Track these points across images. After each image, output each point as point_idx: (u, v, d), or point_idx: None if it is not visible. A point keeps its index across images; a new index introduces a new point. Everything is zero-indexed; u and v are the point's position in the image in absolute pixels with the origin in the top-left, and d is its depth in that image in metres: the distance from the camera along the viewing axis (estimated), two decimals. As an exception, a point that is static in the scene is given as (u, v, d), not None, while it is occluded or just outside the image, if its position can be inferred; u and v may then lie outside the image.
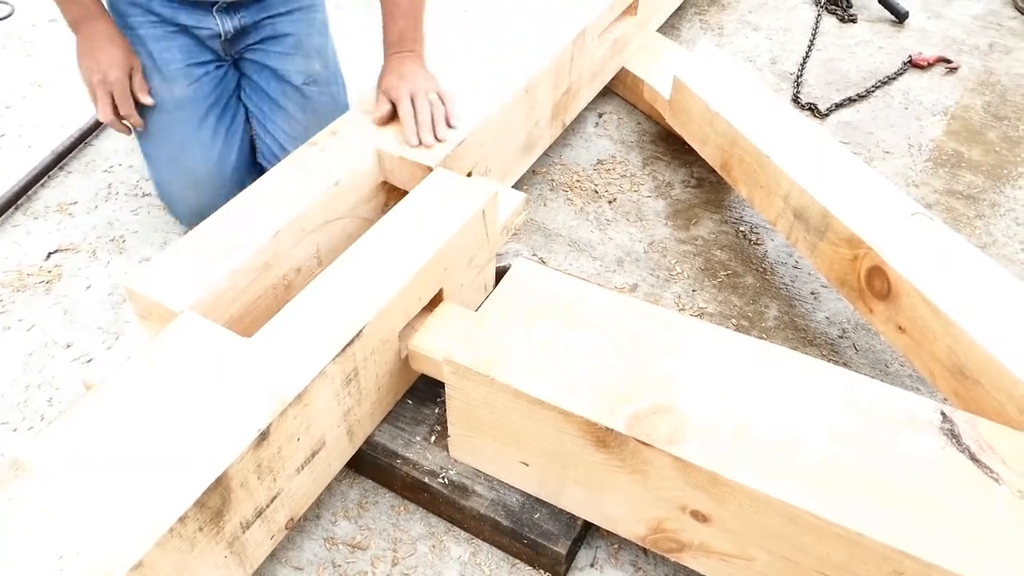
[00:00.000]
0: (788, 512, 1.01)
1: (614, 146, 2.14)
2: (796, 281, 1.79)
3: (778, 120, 1.70)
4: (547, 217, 1.93)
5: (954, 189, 2.04)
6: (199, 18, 1.67)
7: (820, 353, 1.64)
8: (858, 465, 1.04)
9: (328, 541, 1.30)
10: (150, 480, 0.96)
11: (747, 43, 2.56)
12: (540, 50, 1.76)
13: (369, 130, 1.55)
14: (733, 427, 1.08)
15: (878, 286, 1.42)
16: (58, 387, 1.54)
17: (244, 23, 1.72)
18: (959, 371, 1.29)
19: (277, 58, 1.77)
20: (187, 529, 0.95)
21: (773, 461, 1.04)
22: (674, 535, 1.16)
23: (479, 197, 1.39)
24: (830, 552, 1.02)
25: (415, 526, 1.33)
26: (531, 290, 1.26)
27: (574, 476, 1.19)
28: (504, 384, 1.13)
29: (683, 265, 1.82)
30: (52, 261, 1.80)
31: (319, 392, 1.12)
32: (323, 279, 1.24)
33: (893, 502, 1.00)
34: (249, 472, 1.03)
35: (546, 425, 1.14)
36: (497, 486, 1.28)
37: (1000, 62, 2.51)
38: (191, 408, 1.05)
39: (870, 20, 2.69)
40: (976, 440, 1.08)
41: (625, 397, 1.11)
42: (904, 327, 1.38)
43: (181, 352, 1.12)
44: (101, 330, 1.64)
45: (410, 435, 1.34)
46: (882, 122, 2.25)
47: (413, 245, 1.29)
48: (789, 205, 1.59)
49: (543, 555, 1.24)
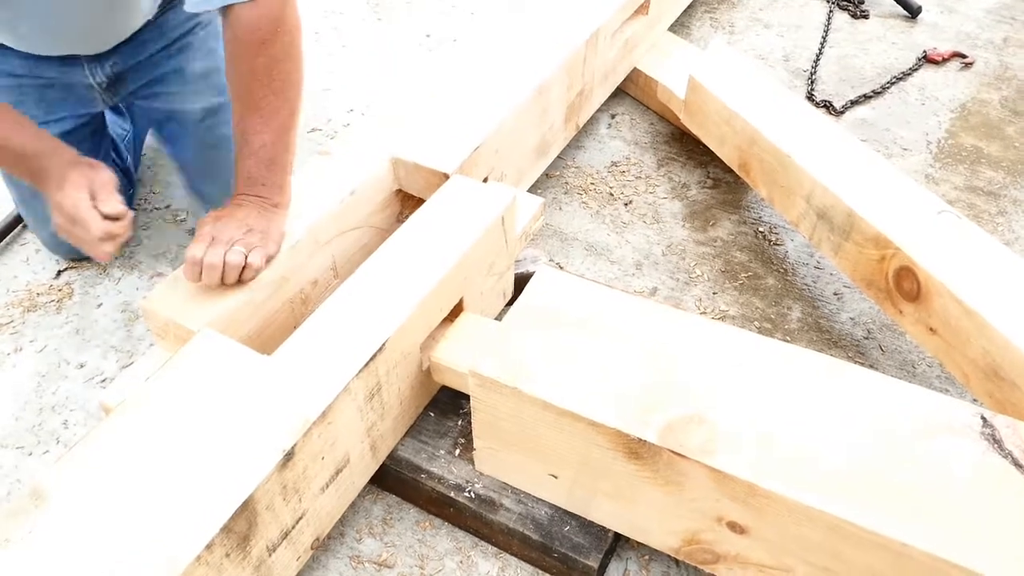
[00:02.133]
0: (829, 522, 0.98)
1: (628, 147, 2.11)
2: (818, 281, 1.76)
3: (797, 118, 1.67)
4: (563, 221, 1.90)
5: (974, 185, 2.01)
6: (65, 71, 1.50)
7: (846, 355, 1.61)
8: (897, 473, 1.01)
9: (354, 559, 1.28)
10: (174, 507, 0.94)
11: (759, 41, 2.53)
12: (553, 52, 1.74)
13: (382, 137, 1.52)
14: (767, 435, 1.05)
15: (907, 287, 1.38)
16: (72, 408, 1.51)
17: (118, 70, 1.56)
18: (994, 373, 1.26)
19: (167, 99, 1.62)
20: (214, 556, 0.92)
21: (810, 470, 1.01)
22: (709, 547, 1.13)
23: (498, 203, 1.36)
24: (872, 563, 0.99)
25: (441, 541, 1.30)
26: (554, 298, 1.23)
27: (604, 488, 1.16)
28: (531, 396, 1.10)
29: (702, 267, 1.79)
30: (62, 279, 1.78)
31: (343, 409, 1.09)
32: (342, 293, 1.21)
33: (935, 510, 0.97)
34: (275, 494, 1.00)
35: (575, 437, 1.11)
36: (525, 499, 1.26)
37: (1016, 56, 2.47)
38: (213, 430, 1.02)
39: (882, 16, 2.66)
40: (1019, 445, 1.05)
41: (655, 406, 1.08)
42: (936, 328, 1.35)
43: (200, 372, 1.09)
44: (115, 349, 1.62)
45: (434, 448, 1.31)
46: (899, 119, 2.22)
47: (433, 255, 1.27)
48: (812, 205, 1.56)
49: (574, 569, 1.21)
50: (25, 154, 1.24)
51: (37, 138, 1.25)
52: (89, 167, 1.22)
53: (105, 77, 1.56)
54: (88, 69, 1.53)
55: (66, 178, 1.19)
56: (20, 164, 1.25)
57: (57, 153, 1.24)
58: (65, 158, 1.24)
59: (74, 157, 1.24)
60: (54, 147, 1.25)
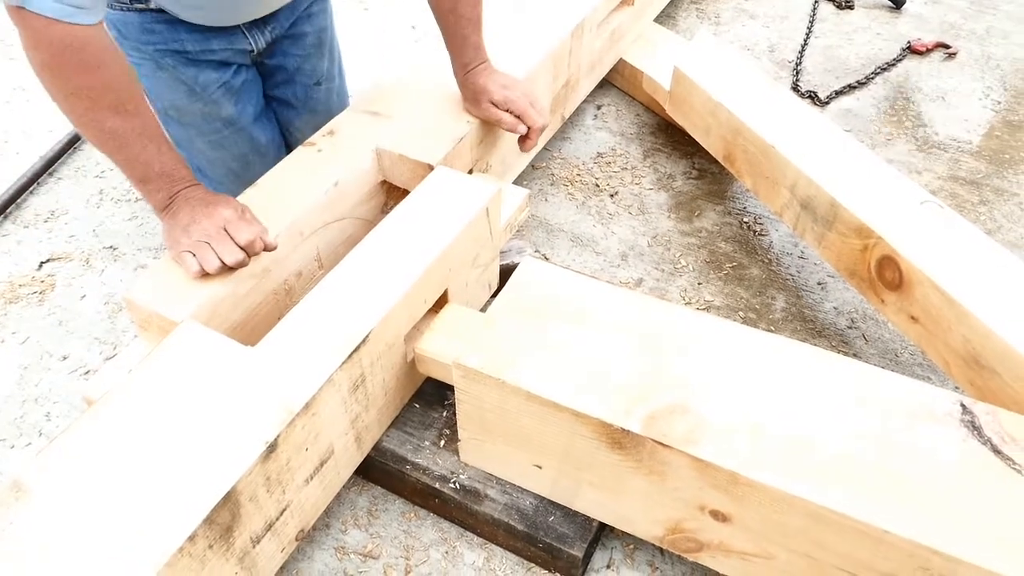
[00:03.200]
0: (810, 510, 0.99)
1: (614, 138, 2.11)
2: (802, 271, 1.77)
3: (782, 109, 1.67)
4: (548, 212, 1.90)
5: (957, 175, 2.02)
6: (229, 40, 1.54)
7: (830, 344, 1.62)
8: (878, 460, 1.02)
9: (339, 551, 1.28)
10: (157, 498, 0.94)
11: (744, 31, 2.53)
12: (538, 42, 1.73)
13: (367, 128, 1.51)
14: (750, 424, 1.06)
15: (889, 276, 1.39)
16: (55, 400, 1.51)
17: (276, 34, 1.61)
18: (975, 360, 1.27)
19: (294, 59, 1.68)
20: (197, 547, 0.92)
21: (792, 458, 1.02)
22: (692, 535, 1.14)
23: (482, 195, 1.36)
24: (853, 549, 1.00)
25: (427, 532, 1.30)
26: (538, 289, 1.23)
27: (588, 478, 1.16)
28: (515, 386, 1.10)
29: (688, 258, 1.80)
30: (45, 271, 1.76)
31: (327, 400, 1.09)
32: (326, 283, 1.21)
33: (916, 497, 0.98)
34: (258, 486, 1.00)
35: (559, 427, 1.12)
36: (510, 489, 1.26)
37: (998, 46, 2.49)
38: (196, 422, 1.02)
39: (867, 6, 2.67)
40: (998, 432, 1.06)
41: (639, 397, 1.09)
42: (917, 317, 1.36)
43: (183, 364, 1.09)
44: (98, 340, 1.61)
45: (419, 440, 1.31)
46: (883, 109, 2.23)
47: (417, 246, 1.27)
48: (796, 195, 1.56)
49: (559, 558, 1.22)
50: (172, 175, 1.24)
51: (180, 162, 1.26)
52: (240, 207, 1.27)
53: (264, 43, 1.59)
54: (249, 36, 1.56)
55: (216, 197, 1.25)
56: (158, 182, 1.24)
57: (195, 181, 1.27)
58: (202, 187, 1.27)
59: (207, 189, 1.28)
60: (191, 175, 1.27)
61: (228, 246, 1.20)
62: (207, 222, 1.22)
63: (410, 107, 1.57)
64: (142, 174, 1.22)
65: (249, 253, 1.22)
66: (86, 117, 1.15)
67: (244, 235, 1.21)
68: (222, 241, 1.21)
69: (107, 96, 1.14)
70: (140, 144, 1.19)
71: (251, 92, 1.64)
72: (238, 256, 1.20)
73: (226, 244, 1.21)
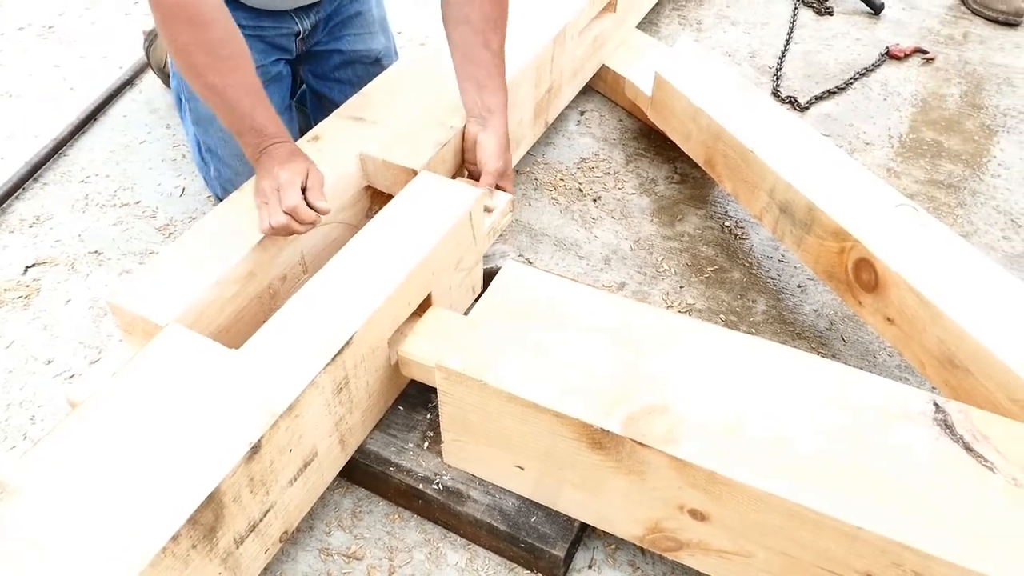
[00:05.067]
0: (786, 508, 1.01)
1: (597, 144, 2.13)
2: (783, 275, 1.80)
3: (761, 114, 1.70)
4: (532, 217, 1.92)
5: (935, 179, 2.05)
6: (278, 21, 1.63)
7: (809, 346, 1.64)
8: (854, 459, 1.04)
9: (323, 552, 1.29)
10: (140, 499, 0.94)
11: (726, 38, 2.56)
12: (521, 49, 1.75)
13: (351, 134, 1.53)
14: (728, 424, 1.08)
15: (866, 278, 1.42)
16: (40, 404, 1.51)
17: (321, 16, 1.68)
18: (949, 361, 1.30)
19: (349, 41, 1.74)
20: (180, 547, 0.93)
21: (770, 457, 1.04)
22: (672, 534, 1.16)
23: (465, 200, 1.37)
24: (829, 547, 1.02)
25: (410, 534, 1.31)
26: (520, 292, 1.25)
27: (570, 479, 1.18)
28: (497, 388, 1.12)
29: (670, 262, 1.82)
30: (30, 275, 1.76)
31: (310, 402, 1.10)
32: (310, 287, 1.22)
33: (890, 495, 1.01)
34: (242, 487, 1.01)
35: (540, 428, 1.13)
36: (492, 491, 1.27)
37: (975, 51, 2.53)
38: (180, 424, 1.03)
39: (846, 12, 2.70)
40: (969, 430, 1.08)
41: (619, 398, 1.10)
42: (893, 318, 1.39)
43: (167, 366, 1.10)
44: (83, 345, 1.61)
45: (402, 442, 1.33)
46: (862, 114, 2.26)
47: (401, 250, 1.28)
48: (774, 199, 1.59)
49: (541, 559, 1.23)
50: (262, 131, 1.31)
51: (273, 120, 1.33)
52: (313, 163, 1.35)
53: (310, 25, 1.67)
54: (296, 19, 1.64)
55: (294, 159, 1.32)
56: (249, 136, 1.32)
57: (288, 139, 1.35)
58: (291, 146, 1.35)
59: (297, 148, 1.36)
60: (285, 133, 1.35)
61: (275, 209, 1.27)
62: (267, 181, 1.29)
63: (394, 113, 1.59)
64: (238, 128, 1.31)
65: (296, 219, 1.26)
66: (192, 71, 1.25)
67: (288, 200, 1.26)
68: (273, 203, 1.27)
69: (210, 53, 1.24)
70: (236, 99, 1.27)
71: (281, 86, 1.70)
72: (280, 220, 1.25)
73: (274, 207, 1.27)
